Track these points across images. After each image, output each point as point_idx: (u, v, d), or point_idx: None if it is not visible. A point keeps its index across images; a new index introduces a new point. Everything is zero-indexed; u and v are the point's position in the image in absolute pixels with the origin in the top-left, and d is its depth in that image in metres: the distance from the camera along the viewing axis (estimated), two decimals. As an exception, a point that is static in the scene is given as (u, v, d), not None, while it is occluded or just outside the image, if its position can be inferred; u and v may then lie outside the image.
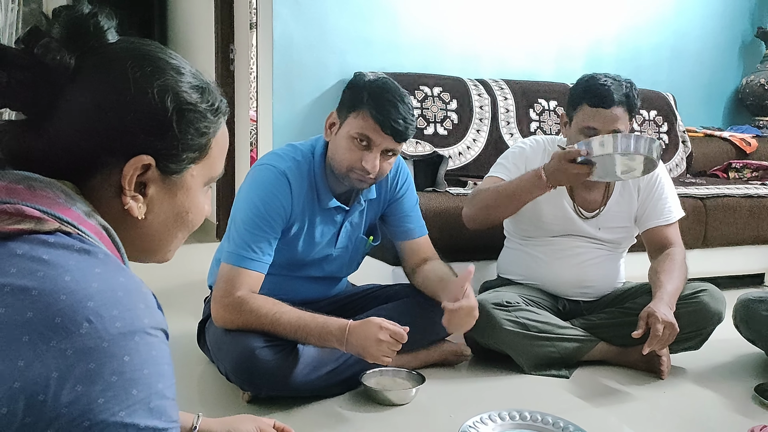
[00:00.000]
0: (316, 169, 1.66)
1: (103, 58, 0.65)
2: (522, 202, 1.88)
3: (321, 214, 1.68)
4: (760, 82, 3.93)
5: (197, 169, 0.72)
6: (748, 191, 2.99)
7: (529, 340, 1.83)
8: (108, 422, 0.52)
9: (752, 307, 1.94)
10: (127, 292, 0.57)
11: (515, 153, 2.05)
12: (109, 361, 0.53)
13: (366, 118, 1.53)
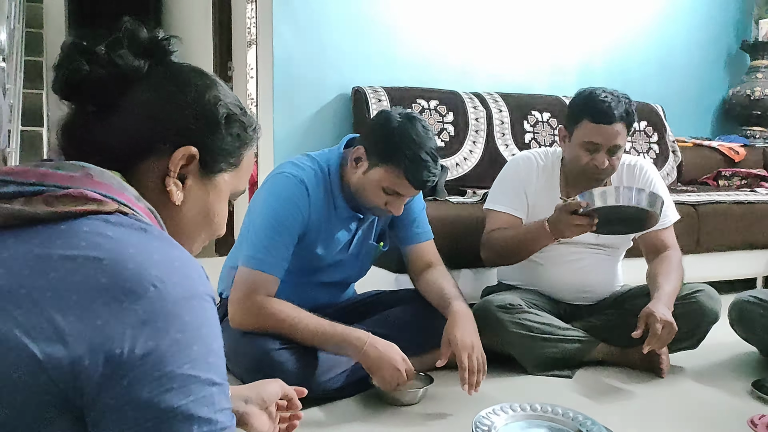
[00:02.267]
0: (333, 181, 1.71)
1: (170, 67, 0.78)
2: (532, 251, 1.96)
3: (337, 221, 1.73)
4: (746, 93, 4.04)
5: (229, 177, 0.82)
6: (738, 198, 3.07)
7: (533, 341, 1.88)
8: (175, 373, 0.60)
9: (747, 307, 2.00)
10: (182, 263, 0.65)
11: (512, 178, 2.07)
12: (173, 320, 0.61)
13: (400, 176, 1.59)
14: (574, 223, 1.76)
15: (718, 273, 2.93)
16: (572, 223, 1.76)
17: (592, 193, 1.72)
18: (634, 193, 1.71)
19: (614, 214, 1.74)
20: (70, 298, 0.59)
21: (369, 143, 1.64)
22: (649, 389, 1.82)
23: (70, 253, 0.61)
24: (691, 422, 1.61)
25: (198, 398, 0.61)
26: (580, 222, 1.75)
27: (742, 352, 2.12)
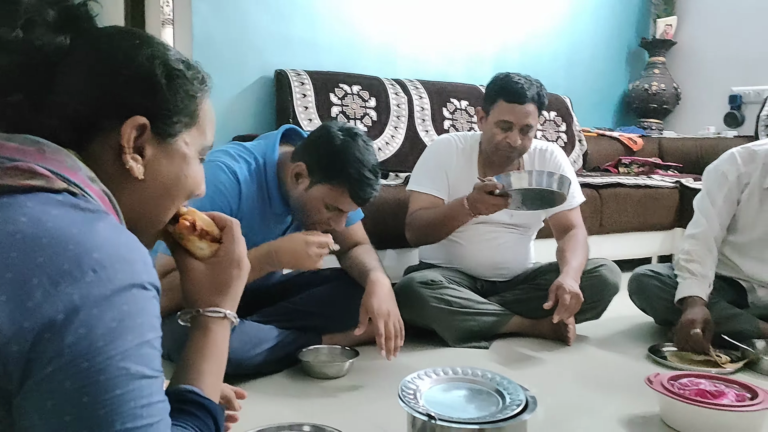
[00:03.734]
0: (269, 178, 1.68)
1: (93, 35, 0.72)
2: (453, 228, 2.06)
3: (272, 215, 1.72)
4: (644, 87, 4.34)
5: (190, 137, 0.77)
6: (637, 182, 3.31)
7: (452, 315, 1.98)
8: (103, 364, 0.57)
9: (644, 280, 2.18)
10: (128, 249, 0.62)
11: (433, 160, 2.17)
12: (110, 308, 0.58)
13: (344, 194, 1.61)
14: (491, 203, 1.86)
15: (619, 252, 3.15)
16: (489, 202, 1.86)
17: (509, 176, 1.83)
18: (545, 177, 1.83)
19: (527, 195, 1.86)
20: (4, 275, 0.56)
21: (311, 160, 1.63)
22: (558, 356, 1.96)
23: (10, 228, 0.58)
24: (595, 383, 1.75)
25: (125, 392, 0.59)
26: (496, 202, 1.86)
27: (639, 322, 2.31)
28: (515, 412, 1.17)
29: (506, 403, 1.22)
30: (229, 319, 0.87)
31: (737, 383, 1.50)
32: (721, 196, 2.08)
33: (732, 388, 1.47)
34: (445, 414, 1.16)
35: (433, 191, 2.12)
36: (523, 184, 1.82)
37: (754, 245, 2.09)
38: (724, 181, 2.08)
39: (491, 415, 1.17)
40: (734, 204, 2.09)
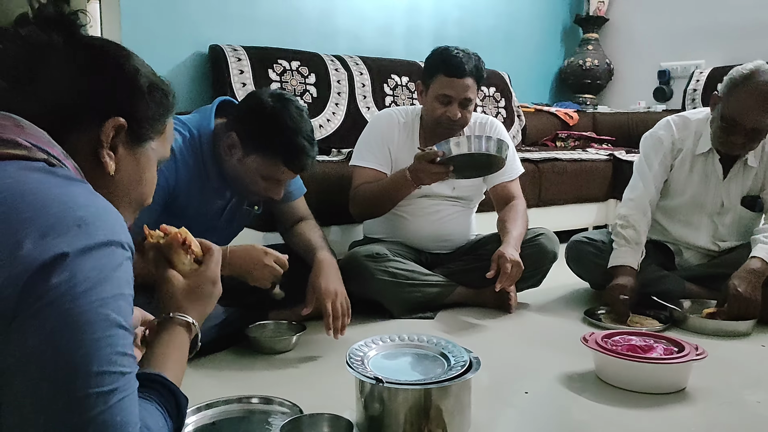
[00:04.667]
0: (205, 153, 1.64)
1: (84, 40, 0.79)
2: (397, 199, 2.08)
3: (210, 190, 1.69)
4: (579, 63, 4.46)
5: (156, 144, 0.85)
6: (573, 156, 3.42)
7: (398, 287, 2.01)
8: (84, 307, 0.62)
9: (581, 247, 2.27)
10: (106, 211, 0.68)
11: (375, 134, 2.18)
12: (91, 258, 0.64)
13: (278, 164, 1.58)
14: (432, 171, 1.89)
15: (557, 223, 3.25)
16: (430, 171, 1.89)
17: (448, 143, 1.86)
18: (484, 141, 1.87)
19: (467, 161, 1.89)
20: None
21: (242, 130, 1.59)
22: (501, 323, 2.03)
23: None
24: (536, 346, 1.82)
25: (103, 337, 0.63)
26: (437, 170, 1.88)
27: (576, 288, 2.41)
28: (459, 372, 1.22)
29: (451, 364, 1.26)
30: (193, 329, 0.93)
31: (666, 338, 1.59)
32: (657, 161, 2.17)
33: (660, 343, 1.56)
34: (392, 377, 1.19)
35: (376, 165, 2.13)
36: (463, 150, 1.86)
37: (682, 209, 2.20)
38: (660, 146, 2.18)
39: (437, 377, 1.21)
40: (668, 169, 2.19)
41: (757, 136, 1.97)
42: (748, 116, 1.92)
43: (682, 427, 1.32)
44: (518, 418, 1.39)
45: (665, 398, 1.45)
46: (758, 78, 1.91)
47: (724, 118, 1.97)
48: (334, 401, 1.37)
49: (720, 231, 2.18)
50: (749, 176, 2.12)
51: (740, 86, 1.94)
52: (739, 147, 2.01)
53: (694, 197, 2.16)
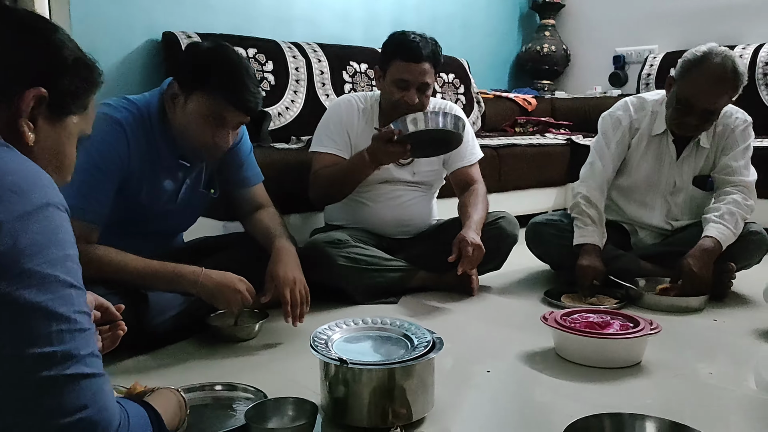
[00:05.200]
0: (154, 127, 1.61)
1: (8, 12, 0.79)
2: (356, 183, 2.07)
3: (162, 169, 1.66)
4: (536, 49, 4.51)
5: (77, 119, 0.85)
6: (531, 141, 3.47)
7: (360, 272, 2.01)
8: (34, 270, 0.63)
9: (540, 229, 2.30)
10: (38, 175, 0.69)
11: (334, 120, 2.17)
12: (31, 222, 0.64)
13: (219, 100, 1.53)
14: (390, 150, 1.89)
15: (517, 208, 3.28)
16: (389, 150, 1.89)
17: (405, 120, 1.87)
18: (440, 117, 1.88)
19: (425, 139, 1.90)
20: None
21: (181, 75, 1.57)
22: (463, 305, 2.05)
23: None
24: (498, 327, 1.85)
25: (57, 296, 0.64)
26: (395, 149, 1.89)
27: (536, 270, 2.45)
28: (422, 352, 1.22)
29: (414, 345, 1.27)
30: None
31: (622, 315, 1.64)
32: (615, 140, 2.23)
33: (617, 320, 1.60)
34: (356, 359, 1.19)
35: (335, 151, 2.12)
36: (419, 126, 1.86)
37: (638, 189, 2.26)
38: (618, 126, 2.23)
39: (400, 357, 1.21)
40: (626, 148, 2.24)
41: (710, 117, 2.03)
42: (702, 98, 1.97)
43: (638, 398, 1.36)
44: (480, 396, 1.41)
45: (622, 372, 1.49)
46: (711, 60, 1.96)
47: (679, 99, 2.02)
48: (299, 386, 1.37)
49: (673, 210, 2.24)
50: (701, 157, 2.18)
51: (694, 68, 1.99)
52: (693, 128, 2.07)
53: (648, 177, 2.22)
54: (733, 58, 1.98)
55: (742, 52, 3.62)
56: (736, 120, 2.15)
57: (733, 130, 2.14)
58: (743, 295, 2.13)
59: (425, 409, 1.24)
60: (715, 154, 2.18)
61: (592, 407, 1.20)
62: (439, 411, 1.28)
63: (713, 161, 2.19)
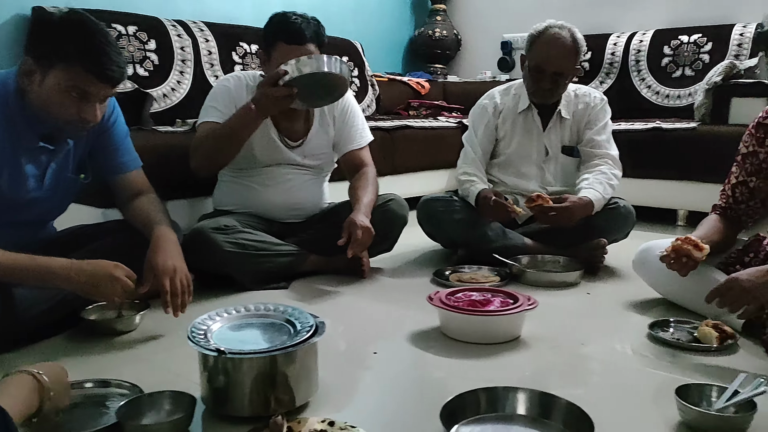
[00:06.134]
0: (11, 107, 1.48)
1: None
2: (242, 139, 2.00)
3: (23, 153, 1.53)
4: (429, 34, 4.58)
5: None
6: (424, 124, 3.53)
7: (249, 258, 1.97)
8: None
9: (431, 205, 2.35)
10: None
11: (222, 92, 2.12)
12: None
13: (78, 71, 1.42)
14: (276, 95, 1.87)
15: (411, 190, 3.35)
16: (274, 95, 1.87)
17: (290, 63, 1.85)
18: (325, 60, 1.88)
19: (311, 84, 1.89)
20: None
21: (35, 49, 1.45)
22: (354, 288, 2.06)
23: None
24: (387, 307, 1.88)
25: None
26: (280, 93, 1.87)
27: (427, 250, 2.51)
28: (305, 337, 1.22)
29: (297, 330, 1.26)
30: None
31: (503, 292, 1.70)
32: (482, 126, 2.45)
33: (498, 297, 1.67)
34: (236, 348, 1.16)
35: (220, 120, 2.05)
36: (305, 70, 1.85)
37: (513, 161, 2.44)
38: (484, 113, 2.46)
39: (282, 344, 1.20)
40: (493, 130, 2.46)
41: (560, 79, 2.27)
42: (549, 61, 2.24)
43: (517, 371, 1.43)
44: (366, 377, 1.43)
45: (502, 347, 1.56)
46: (551, 30, 2.26)
47: (531, 68, 2.28)
48: (181, 378, 1.32)
49: (547, 177, 2.42)
50: (566, 128, 2.40)
51: (538, 38, 2.28)
52: (549, 93, 2.30)
53: (520, 149, 2.42)
54: (570, 28, 2.28)
55: (617, 40, 3.86)
56: (594, 98, 2.40)
57: (593, 107, 2.39)
58: (614, 269, 2.29)
59: (309, 393, 1.24)
60: (578, 127, 2.40)
61: (473, 382, 1.24)
62: (324, 394, 1.28)
63: (577, 133, 2.40)
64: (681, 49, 3.59)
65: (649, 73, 3.67)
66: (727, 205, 1.78)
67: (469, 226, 2.26)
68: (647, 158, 3.09)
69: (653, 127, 3.11)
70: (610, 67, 3.82)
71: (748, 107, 2.92)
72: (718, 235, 1.72)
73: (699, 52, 3.53)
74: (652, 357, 1.51)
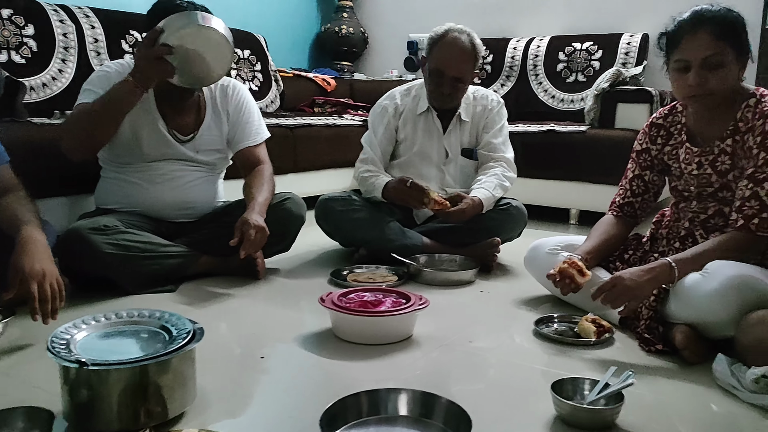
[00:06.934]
0: None
1: None
2: (119, 113, 1.89)
3: None
4: (335, 30, 4.54)
5: None
6: (327, 121, 3.48)
7: (132, 260, 1.86)
8: None
9: (329, 204, 2.32)
10: None
11: (100, 76, 2.00)
12: None
13: None
14: (155, 56, 1.79)
15: (315, 189, 3.31)
16: (152, 55, 1.79)
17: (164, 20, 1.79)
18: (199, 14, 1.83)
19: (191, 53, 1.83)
20: None
21: None
22: (247, 290, 1.99)
23: None
24: (280, 309, 1.84)
25: None
26: (158, 52, 1.79)
27: (326, 250, 2.48)
28: (180, 344, 1.15)
29: (173, 336, 1.19)
30: None
31: (396, 292, 1.70)
32: (382, 128, 2.43)
33: (390, 297, 1.66)
34: (104, 359, 1.08)
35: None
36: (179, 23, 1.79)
37: (414, 163, 2.44)
38: (384, 114, 2.44)
39: (156, 351, 1.13)
40: (393, 131, 2.45)
41: (460, 84, 2.29)
42: (450, 66, 2.25)
43: (407, 371, 1.42)
44: (250, 383, 1.38)
45: (393, 347, 1.55)
46: (451, 34, 2.27)
47: (431, 71, 2.30)
48: (45, 393, 1.22)
49: (447, 179, 2.44)
50: (465, 130, 2.43)
51: (438, 42, 2.29)
52: (449, 97, 2.33)
53: (421, 151, 2.42)
54: (469, 32, 2.30)
55: (516, 45, 3.98)
56: (491, 101, 2.45)
57: (491, 110, 2.43)
58: (508, 266, 2.35)
59: (184, 403, 1.17)
60: (477, 130, 2.44)
61: (363, 384, 1.22)
62: (202, 403, 1.22)
63: (476, 136, 2.44)
64: (574, 56, 3.75)
65: (545, 77, 3.81)
66: (624, 201, 1.86)
67: (368, 225, 2.25)
68: (542, 159, 3.21)
69: (547, 129, 3.23)
70: (510, 70, 3.93)
71: (632, 112, 3.09)
72: (606, 244, 1.82)
73: (590, 59, 3.70)
74: (536, 352, 1.55)
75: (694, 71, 1.53)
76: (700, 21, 1.53)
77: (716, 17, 1.52)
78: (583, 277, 1.63)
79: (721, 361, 1.36)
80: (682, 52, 1.55)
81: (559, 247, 1.90)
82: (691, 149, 1.68)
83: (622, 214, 1.86)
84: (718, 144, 1.62)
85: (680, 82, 1.58)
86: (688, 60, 1.54)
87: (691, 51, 1.53)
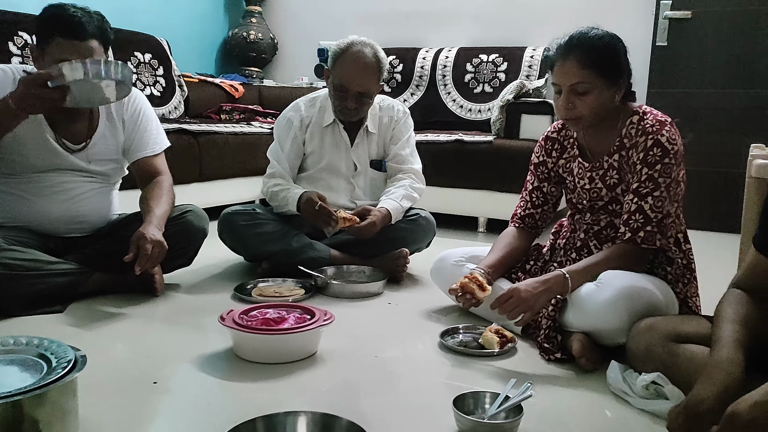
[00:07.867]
0: None
1: None
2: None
3: None
4: (243, 35, 4.44)
5: None
6: (234, 129, 3.39)
7: (15, 280, 1.73)
8: None
9: (233, 218, 2.24)
10: None
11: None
12: None
13: None
14: (44, 96, 1.67)
15: (220, 199, 3.21)
16: (43, 96, 1.67)
17: (63, 66, 1.65)
18: (103, 66, 1.70)
19: (88, 88, 1.72)
20: None
21: None
22: (144, 309, 1.89)
23: None
24: (179, 328, 1.75)
25: None
26: (50, 95, 1.67)
27: (231, 263, 2.40)
28: (59, 375, 1.07)
29: (53, 366, 1.10)
30: None
31: (300, 307, 1.66)
32: (288, 142, 2.38)
33: (294, 313, 1.61)
34: (-33, 395, 0.98)
35: None
36: (79, 75, 1.66)
37: (322, 175, 2.41)
38: (290, 127, 2.39)
39: (32, 384, 1.04)
40: (301, 144, 2.40)
41: (365, 99, 2.27)
42: (353, 81, 2.22)
43: (311, 388, 1.39)
44: (141, 411, 1.29)
45: (297, 365, 1.50)
46: (354, 48, 2.24)
47: (335, 86, 2.26)
48: None
49: (356, 191, 2.43)
50: (372, 142, 2.43)
51: (341, 56, 2.25)
52: (354, 111, 2.30)
53: (330, 164, 2.39)
54: (373, 45, 2.27)
55: (426, 54, 4.04)
56: (398, 112, 2.45)
57: (397, 121, 2.44)
58: (417, 277, 2.36)
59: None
60: (384, 141, 2.44)
61: (264, 407, 1.17)
62: (86, 438, 1.13)
63: (384, 147, 2.44)
64: (481, 67, 3.85)
65: (454, 87, 3.88)
66: (525, 213, 1.90)
67: (274, 238, 2.20)
68: (450, 169, 3.26)
69: (455, 139, 3.29)
70: (420, 79, 3.98)
71: (535, 123, 3.21)
72: (509, 256, 1.85)
73: (496, 70, 3.81)
74: (441, 364, 1.56)
75: (563, 96, 1.61)
76: (569, 49, 1.59)
77: (585, 45, 1.58)
78: (483, 291, 1.66)
79: (614, 368, 1.41)
80: (555, 77, 1.63)
81: (464, 259, 1.92)
82: (583, 164, 1.75)
83: (524, 226, 1.91)
84: (606, 159, 1.70)
85: (556, 104, 1.66)
86: (559, 85, 1.61)
87: (561, 77, 1.61)
